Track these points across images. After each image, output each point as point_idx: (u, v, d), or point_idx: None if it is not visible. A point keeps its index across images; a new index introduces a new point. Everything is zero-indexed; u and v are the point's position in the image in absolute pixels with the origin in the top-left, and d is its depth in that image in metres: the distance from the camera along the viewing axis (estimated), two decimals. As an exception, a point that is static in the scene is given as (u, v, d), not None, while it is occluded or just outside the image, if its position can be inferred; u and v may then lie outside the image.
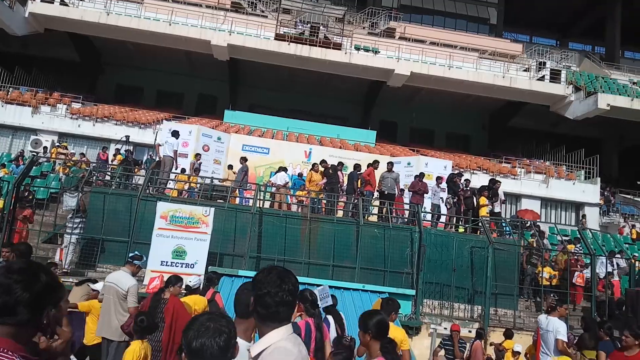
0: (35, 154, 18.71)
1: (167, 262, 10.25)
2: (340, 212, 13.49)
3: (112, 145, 20.96)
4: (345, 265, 11.53)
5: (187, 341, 1.78)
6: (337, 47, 24.70)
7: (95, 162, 17.94)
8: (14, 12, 22.22)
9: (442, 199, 14.21)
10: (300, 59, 24.10)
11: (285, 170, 14.85)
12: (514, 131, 29.92)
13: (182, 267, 10.17)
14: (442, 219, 14.18)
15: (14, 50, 26.57)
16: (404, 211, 13.91)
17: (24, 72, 25.11)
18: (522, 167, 24.70)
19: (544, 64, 26.85)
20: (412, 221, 12.82)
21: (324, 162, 14.56)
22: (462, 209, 13.49)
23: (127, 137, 20.63)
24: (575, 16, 37.82)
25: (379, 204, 13.66)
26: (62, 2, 24.04)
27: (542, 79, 25.93)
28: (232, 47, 23.62)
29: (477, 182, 19.46)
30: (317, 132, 23.33)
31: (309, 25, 26.23)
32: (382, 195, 13.54)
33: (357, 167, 14.05)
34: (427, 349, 10.05)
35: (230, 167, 16.31)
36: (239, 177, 14.75)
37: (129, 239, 10.55)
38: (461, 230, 13.54)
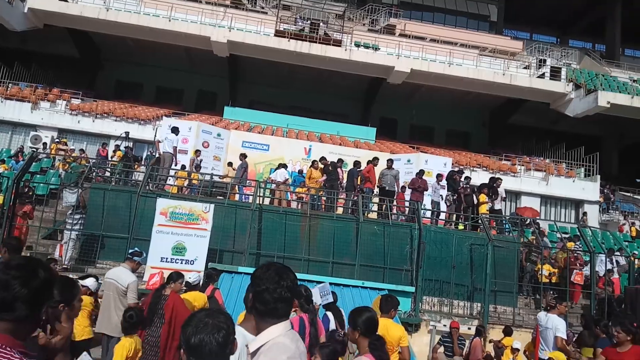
0: (34, 150, 18.70)
1: (166, 258, 10.27)
2: (340, 209, 13.49)
3: (112, 141, 20.96)
4: (344, 262, 11.54)
5: (186, 337, 1.78)
6: (337, 43, 24.66)
7: (95, 158, 17.92)
8: (13, 8, 22.15)
9: (442, 196, 14.21)
10: (300, 55, 24.05)
11: (285, 167, 14.84)
12: (514, 128, 29.89)
13: (181, 263, 10.18)
14: (441, 216, 14.19)
15: (13, 45, 26.49)
16: (404, 208, 13.91)
17: (23, 68, 25.05)
18: (522, 165, 24.70)
19: (544, 61, 26.82)
20: (411, 218, 12.82)
21: (323, 159, 14.56)
22: (462, 207, 13.48)
23: (127, 133, 20.60)
24: (575, 14, 37.73)
25: (379, 201, 13.66)
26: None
27: (542, 76, 25.92)
28: (231, 43, 23.58)
29: (477, 179, 19.45)
30: (317, 129, 23.31)
31: (309, 21, 26.18)
32: (382, 191, 13.53)
33: (356, 164, 14.03)
34: (427, 345, 10.08)
35: (230, 164, 16.30)
36: (238, 173, 14.74)
37: (129, 235, 10.56)
38: (461, 227, 13.55)
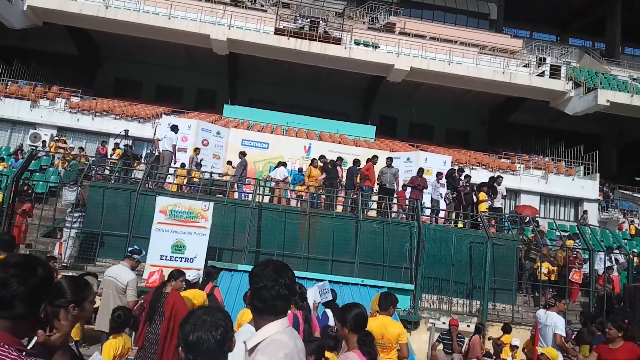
0: (34, 147, 18.67)
1: (166, 256, 10.27)
2: (339, 207, 13.49)
3: (111, 139, 20.95)
4: (344, 260, 11.55)
5: (184, 335, 1.78)
6: (337, 41, 24.62)
7: (94, 156, 17.92)
8: (13, 5, 22.10)
9: (441, 194, 14.21)
10: (299, 53, 24.03)
11: (284, 165, 14.83)
12: (514, 127, 29.90)
13: (181, 261, 10.17)
14: (441, 214, 14.20)
15: (12, 43, 26.45)
16: (404, 207, 13.90)
17: (22, 66, 25.01)
18: (522, 163, 24.71)
19: (544, 59, 26.78)
20: (411, 216, 12.83)
21: (322, 157, 14.56)
22: (462, 205, 13.48)
23: (126, 131, 20.58)
24: (575, 12, 37.72)
25: (378, 198, 13.66)
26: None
27: (542, 74, 25.90)
28: (231, 41, 23.54)
29: (477, 177, 19.46)
30: (316, 127, 23.30)
31: (309, 19, 26.16)
32: (382, 188, 13.52)
33: (356, 162, 14.02)
34: (426, 343, 10.09)
35: (229, 162, 16.29)
36: (237, 171, 14.74)
37: (128, 233, 10.56)
38: (460, 225, 13.56)
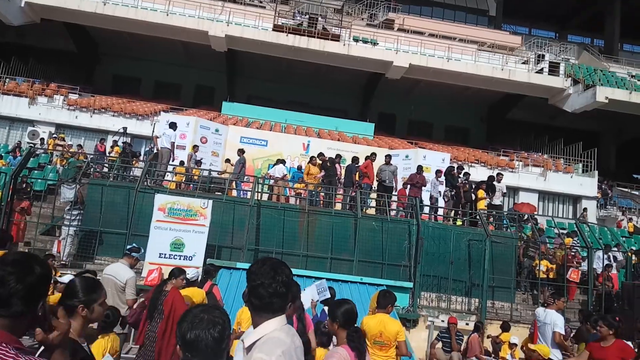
0: (32, 145, 18.62)
1: (165, 254, 10.26)
2: (338, 205, 13.49)
3: (110, 136, 20.89)
4: (343, 257, 11.55)
5: (182, 333, 1.78)
6: (336, 38, 24.57)
7: (92, 153, 17.87)
8: (10, 2, 22.02)
9: (440, 192, 14.20)
10: (298, 50, 23.97)
11: (283, 162, 14.82)
12: (513, 124, 29.90)
13: (180, 259, 10.17)
14: (439, 212, 14.19)
15: (10, 40, 26.37)
16: (403, 204, 13.89)
17: (20, 63, 24.93)
18: (520, 160, 24.72)
19: (543, 56, 26.79)
20: (410, 214, 12.83)
21: (321, 155, 14.54)
22: (462, 202, 13.47)
23: (125, 128, 20.54)
24: (574, 8, 37.67)
25: (377, 196, 13.64)
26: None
27: (540, 71, 25.89)
28: (229, 38, 23.48)
29: (476, 175, 19.47)
30: (315, 125, 23.27)
31: (307, 16, 26.09)
32: (381, 185, 13.49)
33: (355, 159, 14.00)
34: (425, 341, 10.11)
35: (227, 160, 16.26)
36: (236, 169, 14.71)
37: (127, 231, 10.56)
38: (459, 223, 13.56)
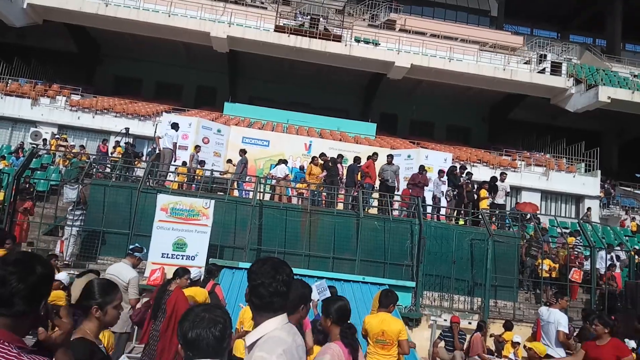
0: (35, 146, 18.68)
1: (167, 254, 10.27)
2: (340, 205, 13.49)
3: (112, 137, 20.93)
4: (345, 257, 11.55)
5: (183, 332, 1.78)
6: (337, 39, 24.58)
7: (95, 154, 17.91)
8: (12, 3, 22.08)
9: (443, 192, 14.19)
10: (300, 50, 23.99)
11: (285, 162, 14.83)
12: (515, 124, 29.85)
13: (182, 259, 10.18)
14: (442, 211, 14.18)
15: (12, 41, 26.43)
16: (406, 204, 13.88)
17: (22, 64, 25.00)
18: (523, 160, 24.69)
19: (545, 56, 26.74)
20: (412, 213, 12.81)
21: (323, 155, 14.54)
22: (464, 202, 13.45)
23: (127, 129, 20.59)
24: (576, 8, 37.62)
25: (379, 196, 13.64)
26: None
27: (542, 71, 25.85)
28: (231, 38, 23.50)
29: (478, 175, 19.45)
30: (317, 125, 23.27)
31: (309, 16, 26.08)
32: (383, 185, 13.48)
33: (356, 159, 14.00)
34: (427, 340, 10.10)
35: (229, 161, 16.28)
36: (238, 169, 14.73)
37: (130, 231, 10.56)
38: (461, 222, 13.54)
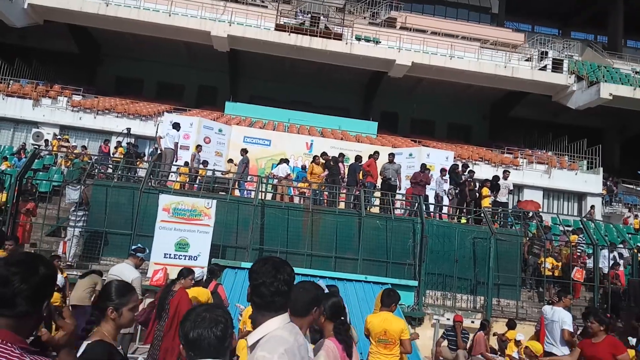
0: (37, 147, 18.69)
1: (170, 254, 10.28)
2: (342, 204, 13.48)
3: (114, 137, 20.95)
4: (347, 256, 11.54)
5: (184, 332, 1.79)
6: (338, 37, 24.56)
7: (97, 154, 17.92)
8: (13, 4, 22.09)
9: (445, 190, 14.17)
10: (300, 49, 23.97)
11: (286, 162, 14.82)
12: (516, 121, 29.80)
13: (185, 259, 10.19)
14: (444, 209, 14.15)
15: (13, 42, 26.45)
16: (408, 203, 13.86)
17: (23, 64, 25.02)
18: (524, 158, 24.64)
19: (546, 53, 26.67)
20: (414, 212, 12.80)
21: (324, 154, 14.52)
22: (466, 200, 13.42)
23: (129, 129, 20.61)
24: (577, 5, 37.48)
25: (381, 195, 13.61)
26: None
27: (544, 68, 25.79)
28: (232, 38, 23.49)
29: (480, 172, 19.42)
30: (318, 124, 23.25)
31: (310, 15, 26.06)
32: (385, 184, 13.45)
33: (358, 158, 13.98)
34: (430, 339, 10.09)
35: (230, 161, 16.28)
36: (239, 169, 14.72)
37: (132, 231, 10.57)
38: (463, 221, 13.52)
